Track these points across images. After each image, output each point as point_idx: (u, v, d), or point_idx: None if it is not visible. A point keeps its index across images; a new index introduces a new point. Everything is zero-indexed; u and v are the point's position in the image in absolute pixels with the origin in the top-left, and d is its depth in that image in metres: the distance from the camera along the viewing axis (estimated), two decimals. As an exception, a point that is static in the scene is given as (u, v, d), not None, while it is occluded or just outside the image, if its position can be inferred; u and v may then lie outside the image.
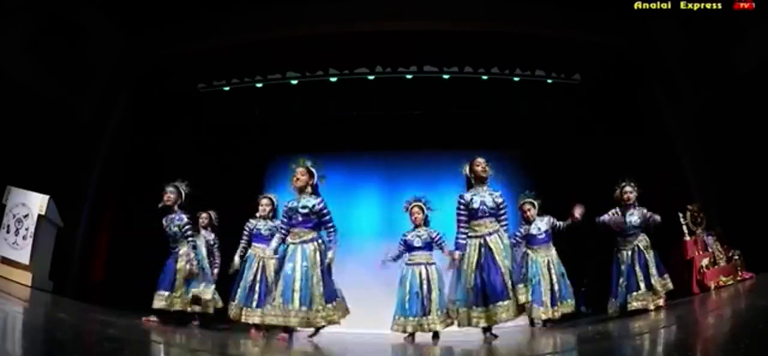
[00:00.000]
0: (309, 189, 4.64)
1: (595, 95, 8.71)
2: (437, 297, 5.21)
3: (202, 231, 6.35)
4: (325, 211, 4.59)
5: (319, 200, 4.62)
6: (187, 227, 5.48)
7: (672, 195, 6.92)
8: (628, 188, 5.66)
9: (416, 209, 5.62)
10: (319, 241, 4.56)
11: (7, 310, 3.89)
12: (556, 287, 5.85)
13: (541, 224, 6.20)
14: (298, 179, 4.64)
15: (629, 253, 5.54)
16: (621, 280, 5.52)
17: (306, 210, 4.55)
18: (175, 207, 5.55)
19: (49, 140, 6.86)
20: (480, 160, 4.77)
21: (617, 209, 5.70)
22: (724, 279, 5.86)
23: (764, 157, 6.08)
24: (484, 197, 4.63)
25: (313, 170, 4.69)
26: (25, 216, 5.95)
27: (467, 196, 4.65)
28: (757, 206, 6.04)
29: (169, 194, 5.55)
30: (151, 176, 8.17)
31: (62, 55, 7.13)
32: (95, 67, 7.68)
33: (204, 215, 6.53)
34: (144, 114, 8.49)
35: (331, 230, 4.62)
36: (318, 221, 4.59)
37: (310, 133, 9.12)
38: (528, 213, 6.24)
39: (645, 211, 5.63)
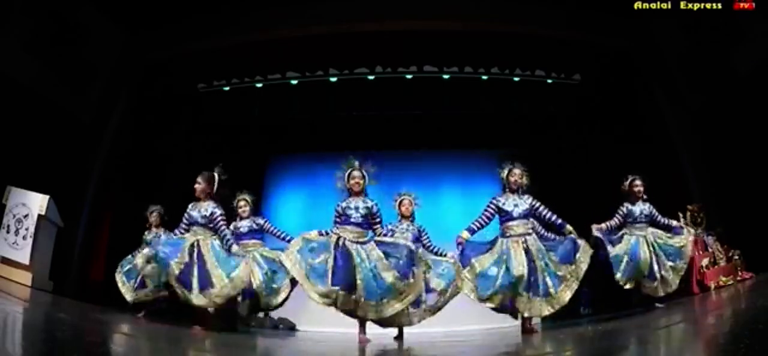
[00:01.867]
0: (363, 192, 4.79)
1: (595, 95, 8.72)
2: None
3: (155, 229, 6.23)
4: (380, 214, 4.77)
5: (375, 202, 4.79)
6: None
7: (672, 195, 6.92)
8: (637, 181, 5.64)
9: (407, 201, 5.69)
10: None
11: (7, 310, 3.89)
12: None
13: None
14: (358, 182, 4.75)
15: (640, 240, 5.41)
16: (626, 258, 5.37)
17: (366, 211, 4.67)
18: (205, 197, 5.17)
19: (49, 140, 6.86)
20: (516, 170, 4.90)
21: (624, 204, 5.62)
22: (724, 279, 5.86)
23: (764, 157, 6.09)
24: (517, 201, 4.80)
25: (366, 173, 4.82)
26: (25, 216, 5.95)
27: (501, 199, 4.82)
28: (757, 206, 6.05)
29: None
30: (151, 176, 8.21)
31: (62, 55, 7.13)
32: (95, 67, 7.68)
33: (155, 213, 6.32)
34: (144, 114, 8.49)
35: (380, 230, 4.77)
36: (371, 222, 4.71)
37: (310, 133, 9.13)
38: None
39: (654, 209, 5.57)
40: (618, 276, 5.33)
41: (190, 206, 5.12)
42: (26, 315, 3.98)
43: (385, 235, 4.78)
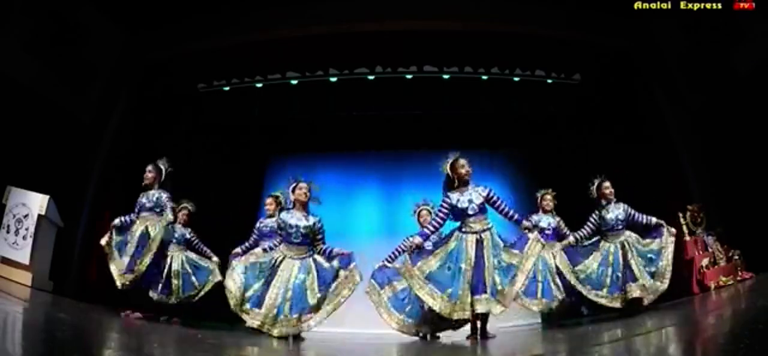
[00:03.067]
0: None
1: (595, 95, 8.71)
2: None
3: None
4: (322, 230, 4.81)
5: (318, 218, 4.81)
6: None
7: (672, 195, 6.92)
8: (606, 184, 5.52)
9: (425, 212, 5.60)
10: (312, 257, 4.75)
11: (7, 310, 3.89)
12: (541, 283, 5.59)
13: (552, 221, 6.11)
14: (305, 194, 4.79)
15: (618, 246, 5.32)
16: (609, 270, 5.27)
17: (306, 230, 4.73)
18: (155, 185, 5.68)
19: (49, 140, 6.86)
20: (462, 160, 4.68)
21: (595, 212, 5.53)
22: (724, 279, 5.86)
23: (764, 157, 6.09)
24: (471, 195, 4.57)
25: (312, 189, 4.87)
26: (25, 216, 5.95)
27: (453, 197, 4.59)
28: (757, 206, 6.05)
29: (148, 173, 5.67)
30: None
31: (62, 55, 7.13)
32: (95, 67, 7.68)
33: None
34: (144, 114, 8.49)
35: (321, 246, 4.82)
36: (312, 239, 4.76)
37: (310, 133, 9.12)
38: (545, 205, 6.20)
39: (629, 208, 5.45)
40: (599, 294, 5.23)
41: (140, 194, 5.64)
42: (26, 315, 3.98)
43: (323, 253, 4.77)
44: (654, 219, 5.42)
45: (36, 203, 5.99)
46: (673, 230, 5.42)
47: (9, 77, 6.54)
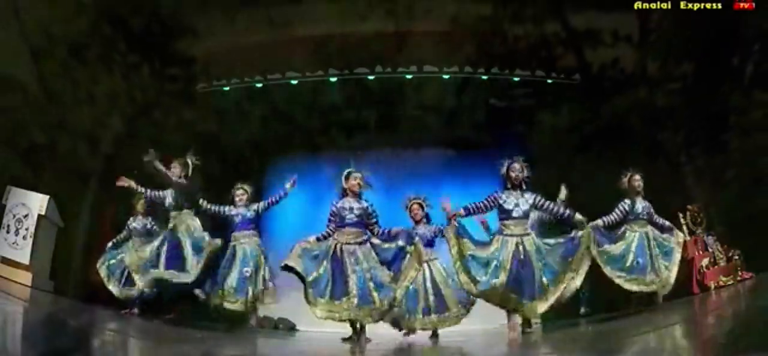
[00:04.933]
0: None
1: (595, 95, 8.71)
2: (450, 294, 5.23)
3: (141, 218, 6.40)
4: (376, 213, 5.01)
5: (370, 203, 5.01)
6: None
7: (672, 195, 6.91)
8: (637, 177, 5.68)
9: (416, 206, 5.63)
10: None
11: (7, 310, 3.89)
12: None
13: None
14: (359, 184, 4.97)
15: (643, 235, 5.44)
16: (630, 256, 5.36)
17: (361, 211, 4.90)
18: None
19: (49, 140, 6.86)
20: (516, 164, 4.88)
21: (625, 201, 5.63)
22: (724, 279, 5.87)
23: (764, 157, 6.09)
24: (518, 200, 4.77)
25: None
26: (25, 216, 5.97)
27: (503, 196, 4.81)
28: (757, 206, 6.05)
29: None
30: (151, 176, 8.19)
31: (64, 56, 7.14)
32: (96, 67, 7.68)
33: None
34: (144, 114, 8.49)
35: (378, 229, 5.02)
36: (366, 221, 4.95)
37: (310, 133, 9.12)
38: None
39: (651, 208, 5.62)
40: (621, 276, 5.28)
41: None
42: (26, 315, 3.98)
43: (381, 235, 4.83)
44: (667, 223, 5.68)
45: (36, 203, 6.01)
46: (681, 235, 5.64)
47: (9, 77, 6.54)
